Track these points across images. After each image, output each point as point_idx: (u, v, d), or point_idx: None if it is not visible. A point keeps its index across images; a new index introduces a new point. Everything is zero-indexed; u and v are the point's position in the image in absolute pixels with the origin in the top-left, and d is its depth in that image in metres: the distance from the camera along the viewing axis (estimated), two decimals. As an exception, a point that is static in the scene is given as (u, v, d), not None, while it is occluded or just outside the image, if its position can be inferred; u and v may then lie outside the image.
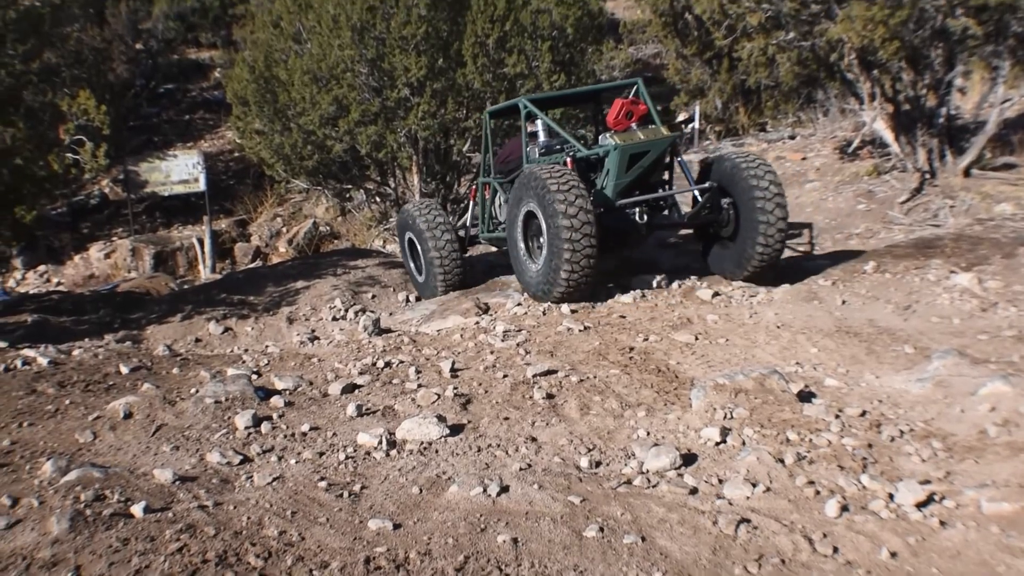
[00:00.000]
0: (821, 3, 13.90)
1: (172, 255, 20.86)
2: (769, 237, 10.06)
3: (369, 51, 17.23)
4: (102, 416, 6.81)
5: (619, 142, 10.40)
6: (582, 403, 6.65)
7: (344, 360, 8.41)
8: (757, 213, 10.10)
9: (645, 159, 10.49)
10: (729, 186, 10.56)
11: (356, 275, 13.04)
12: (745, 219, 10.30)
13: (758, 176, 10.20)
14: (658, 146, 10.52)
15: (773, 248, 10.14)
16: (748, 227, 10.24)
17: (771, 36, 14.93)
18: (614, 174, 10.43)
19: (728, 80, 20.26)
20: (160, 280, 16.49)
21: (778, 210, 10.07)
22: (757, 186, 10.15)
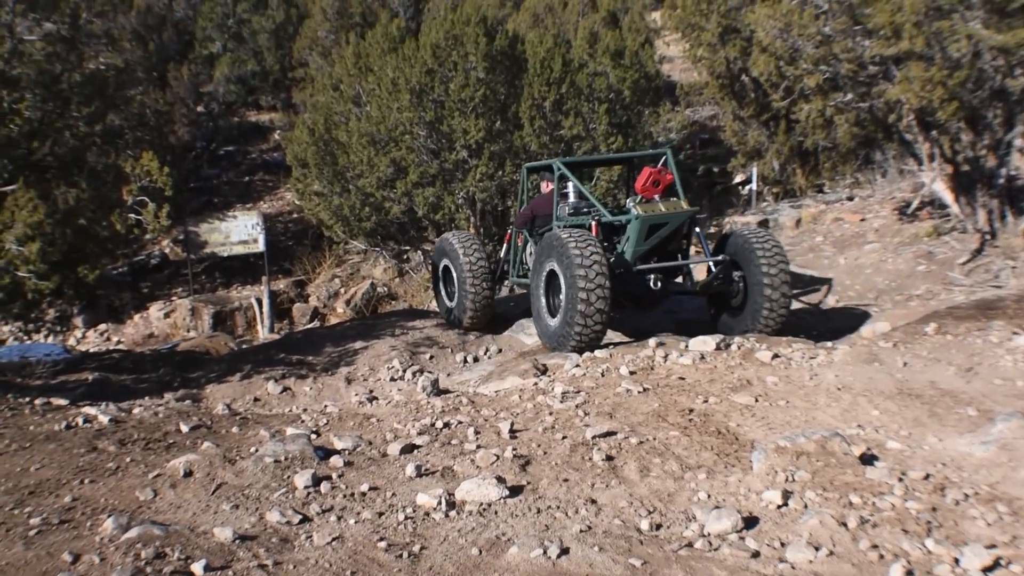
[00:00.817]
0: (879, 65, 13.89)
1: (231, 315, 21.04)
2: (773, 311, 11.12)
3: (428, 114, 17.40)
4: (162, 474, 6.84)
5: (640, 213, 11.19)
6: (642, 465, 6.61)
7: (403, 420, 8.41)
8: (764, 288, 11.10)
9: (664, 230, 11.36)
10: (740, 260, 11.53)
11: (414, 336, 13.07)
12: (752, 292, 11.28)
13: (767, 254, 11.23)
14: (676, 219, 11.39)
15: (777, 320, 11.18)
16: (754, 300, 11.24)
17: (829, 97, 14.93)
18: (633, 241, 11.26)
19: (785, 141, 20.23)
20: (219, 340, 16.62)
21: (783, 287, 11.12)
22: (765, 264, 11.16)
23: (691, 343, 10.49)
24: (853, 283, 13.47)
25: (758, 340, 10.58)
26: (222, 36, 32.29)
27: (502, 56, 18.16)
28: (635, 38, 25.23)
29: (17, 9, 12.27)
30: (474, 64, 17.58)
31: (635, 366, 9.70)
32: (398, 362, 11.82)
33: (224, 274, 23.74)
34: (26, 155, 11.88)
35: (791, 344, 10.23)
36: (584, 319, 10.45)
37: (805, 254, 15.47)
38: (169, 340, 19.28)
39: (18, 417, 8.80)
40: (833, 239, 16.04)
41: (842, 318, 13.18)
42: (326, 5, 30.91)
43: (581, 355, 10.67)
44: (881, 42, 13.18)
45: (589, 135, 18.32)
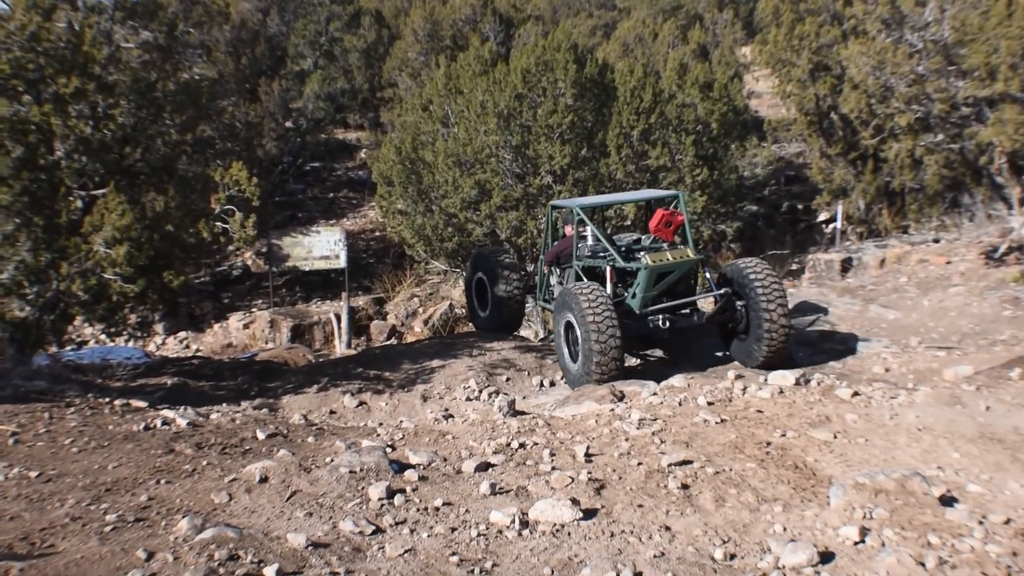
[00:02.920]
0: (972, 106, 13.75)
1: (309, 328, 21.18)
2: (772, 334, 11.96)
3: (514, 138, 17.44)
4: (238, 479, 6.92)
5: (649, 263, 12.07)
6: (717, 495, 6.56)
7: (478, 439, 8.41)
8: (762, 314, 12.00)
9: (671, 276, 12.39)
10: (741, 290, 12.41)
11: (491, 357, 13.08)
12: (753, 320, 12.19)
13: (763, 283, 12.13)
14: (682, 267, 12.41)
15: (777, 343, 11.99)
16: (756, 325, 12.13)
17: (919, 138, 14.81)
18: (642, 287, 12.21)
19: (872, 181, 20.05)
20: (297, 352, 16.72)
21: (779, 309, 12.00)
22: (763, 291, 12.06)
23: (770, 377, 10.41)
24: (936, 325, 13.29)
25: (839, 377, 10.48)
26: (314, 53, 32.65)
27: (591, 84, 18.18)
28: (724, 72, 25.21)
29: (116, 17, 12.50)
30: (563, 90, 17.61)
31: (713, 397, 9.64)
32: (474, 382, 11.84)
33: (304, 288, 23.94)
34: (118, 160, 12.07)
35: (872, 383, 10.13)
36: (600, 367, 11.35)
37: (888, 294, 15.29)
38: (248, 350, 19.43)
39: (98, 416, 8.92)
40: (917, 280, 15.85)
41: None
42: (417, 27, 31.16)
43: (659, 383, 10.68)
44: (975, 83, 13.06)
45: (675, 166, 18.28)
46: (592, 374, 11.40)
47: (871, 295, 15.49)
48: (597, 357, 11.30)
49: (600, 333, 11.29)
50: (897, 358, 11.69)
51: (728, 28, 34.47)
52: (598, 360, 11.30)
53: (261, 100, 28.18)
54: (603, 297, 11.61)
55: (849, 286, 16.53)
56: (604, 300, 11.56)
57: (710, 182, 18.60)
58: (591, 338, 11.30)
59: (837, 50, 18.35)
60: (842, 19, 18.87)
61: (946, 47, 13.48)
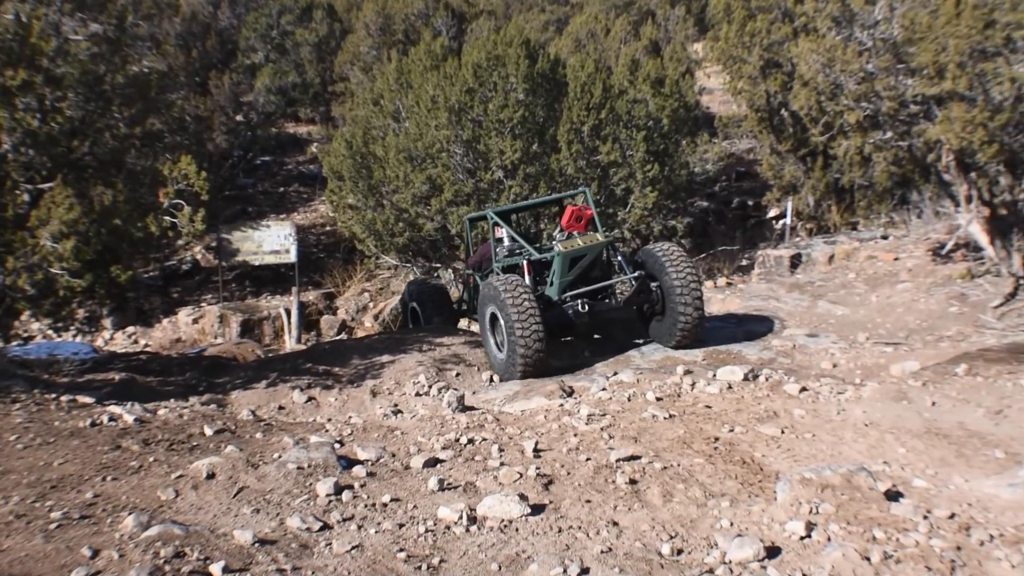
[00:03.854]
0: (920, 104, 13.85)
1: (259, 324, 21.06)
2: (687, 315, 12.42)
3: (465, 132, 17.42)
4: (185, 475, 6.89)
5: (562, 249, 12.60)
6: (665, 490, 6.59)
7: (427, 434, 8.41)
8: (677, 295, 12.45)
9: (584, 260, 12.83)
10: (655, 273, 12.87)
11: (441, 352, 13.06)
12: (669, 300, 12.63)
13: (676, 265, 12.63)
14: (594, 250, 12.83)
15: (693, 318, 12.45)
16: (672, 306, 12.57)
17: (868, 135, 14.89)
18: (558, 274, 12.74)
19: (822, 177, 20.18)
20: (247, 347, 16.64)
21: (693, 290, 12.48)
22: (676, 274, 12.53)
23: (719, 372, 10.48)
24: (884, 321, 13.39)
25: (787, 373, 10.54)
26: (265, 47, 32.46)
27: (543, 79, 18.19)
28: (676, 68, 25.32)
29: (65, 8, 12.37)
30: (514, 85, 17.61)
31: (662, 392, 9.70)
32: (424, 377, 11.81)
33: (254, 283, 23.79)
34: (66, 153, 11.93)
35: (819, 378, 10.18)
36: (524, 353, 11.69)
37: (837, 290, 15.40)
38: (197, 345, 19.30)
39: (44, 413, 8.85)
40: (866, 277, 15.97)
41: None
42: (369, 21, 31.09)
43: (608, 379, 10.74)
44: (924, 81, 13.14)
45: (626, 162, 18.31)
46: (518, 363, 11.78)
47: (820, 291, 15.60)
48: (522, 344, 11.65)
49: (523, 321, 11.67)
50: (845, 354, 11.77)
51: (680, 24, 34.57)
52: (523, 347, 11.65)
53: (211, 93, 27.97)
54: (524, 287, 12.08)
55: (798, 282, 16.64)
56: (525, 290, 12.02)
57: (661, 178, 18.63)
58: (515, 327, 11.66)
59: (788, 47, 18.43)
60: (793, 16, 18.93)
61: (895, 45, 13.56)
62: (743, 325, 13.75)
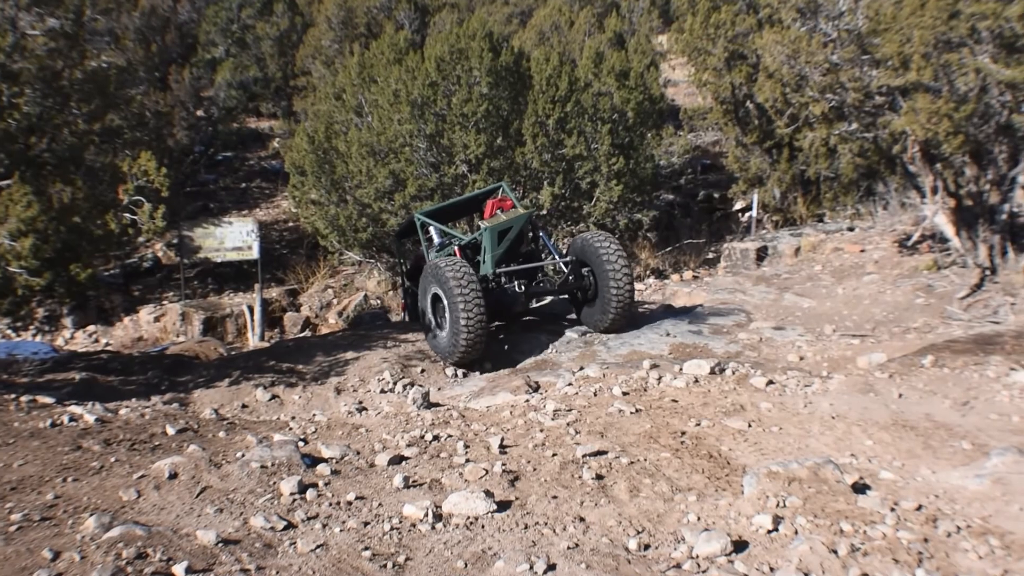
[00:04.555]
0: (885, 95, 13.92)
1: (221, 321, 20.94)
2: (619, 300, 12.84)
3: (428, 127, 17.41)
4: (147, 475, 6.85)
5: (488, 224, 13.31)
6: (632, 485, 6.60)
7: (392, 432, 8.41)
8: (609, 281, 12.82)
9: (511, 233, 13.31)
10: (586, 258, 13.30)
11: (406, 349, 13.04)
12: (601, 285, 13.05)
13: (606, 248, 12.98)
14: (518, 221, 13.39)
15: (624, 302, 12.89)
16: (603, 293, 13.01)
17: (833, 126, 14.94)
18: (489, 248, 13.21)
19: (788, 170, 20.25)
20: (209, 345, 16.56)
21: (624, 276, 12.83)
22: (607, 257, 12.89)
23: (685, 366, 10.51)
24: (851, 313, 13.45)
25: (753, 366, 10.58)
26: (225, 41, 32.27)
27: (506, 72, 18.17)
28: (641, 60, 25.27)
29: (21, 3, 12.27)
30: (478, 79, 17.60)
31: (628, 387, 9.72)
32: (389, 374, 11.79)
33: (216, 280, 23.67)
34: (23, 150, 11.84)
35: (786, 371, 10.23)
36: (467, 335, 11.91)
37: (804, 283, 15.46)
38: (158, 344, 19.19)
39: (3, 413, 8.80)
40: (832, 269, 16.05)
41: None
42: (331, 14, 30.97)
43: (574, 374, 10.76)
44: (888, 72, 13.20)
45: (591, 155, 18.33)
46: (460, 343, 12.01)
47: (786, 283, 15.67)
48: (464, 322, 11.88)
49: (466, 299, 11.93)
50: (811, 346, 11.82)
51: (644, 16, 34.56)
52: (466, 325, 11.87)
53: (171, 88, 27.79)
54: (466, 267, 12.34)
55: (764, 275, 16.71)
56: (468, 269, 12.29)
57: (626, 171, 18.66)
58: (458, 305, 11.90)
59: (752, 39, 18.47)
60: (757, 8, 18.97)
61: (860, 36, 13.61)
62: (709, 318, 13.78)
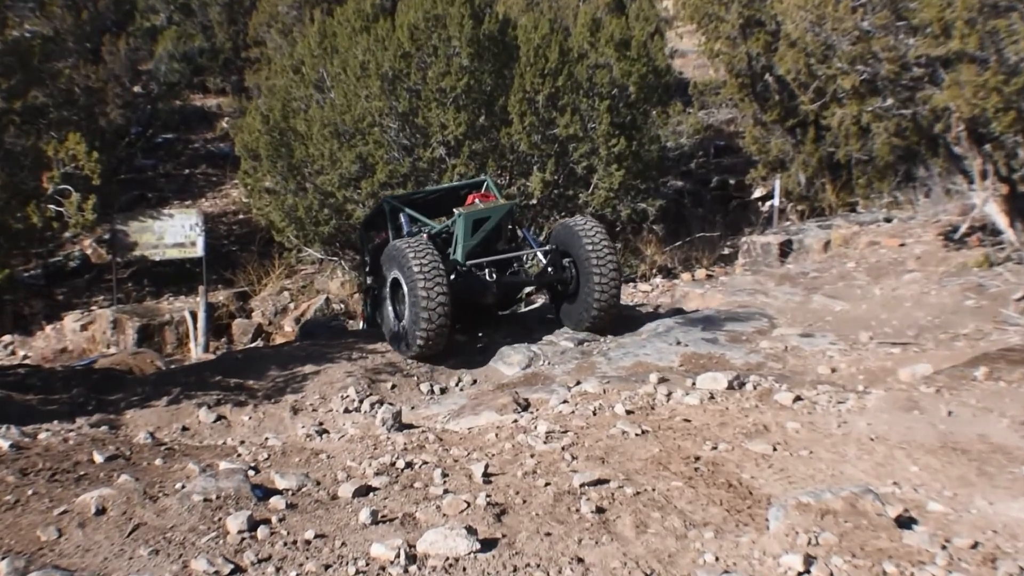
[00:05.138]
0: (925, 66, 13.86)
1: (160, 329, 20.88)
2: (603, 295, 13.00)
3: (401, 104, 17.36)
4: (70, 511, 6.74)
5: (463, 211, 13.50)
6: (638, 519, 6.52)
7: (357, 458, 8.35)
8: (593, 273, 12.95)
9: (488, 223, 13.50)
10: (567, 247, 13.51)
11: (374, 361, 13.00)
12: (583, 280, 13.21)
13: (591, 237, 13.16)
14: (497, 211, 13.61)
15: (609, 298, 13.07)
16: (586, 285, 13.17)
17: (866, 102, 14.90)
18: (462, 238, 13.38)
19: (814, 152, 20.24)
20: (145, 357, 16.50)
21: (610, 269, 13.02)
22: (592, 249, 13.02)
23: (699, 380, 10.44)
24: (890, 318, 13.40)
25: (778, 379, 10.52)
26: (167, 7, 32.28)
27: (490, 42, 18.14)
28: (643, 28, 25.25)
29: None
30: (457, 49, 17.55)
31: (633, 404, 9.65)
32: (354, 391, 11.74)
33: (154, 282, 23.62)
34: (-68, 132, 11.77)
35: (816, 385, 10.17)
36: (428, 322, 12.14)
37: (835, 282, 15.42)
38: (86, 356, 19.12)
39: (-101, 438, 8.70)
40: (867, 266, 16.02)
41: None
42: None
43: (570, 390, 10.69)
44: (928, 40, 13.15)
45: (588, 135, 18.28)
46: (419, 333, 12.27)
47: (814, 283, 15.64)
48: (425, 309, 12.09)
49: (428, 283, 12.11)
50: (845, 356, 11.78)
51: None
52: (427, 312, 12.09)
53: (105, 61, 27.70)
54: (431, 248, 12.55)
55: (789, 273, 16.69)
56: (432, 251, 12.49)
57: (628, 154, 18.63)
58: (419, 290, 12.09)
59: (771, 3, 18.45)
60: (777, -34, 18.98)
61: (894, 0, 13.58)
62: (726, 324, 13.73)
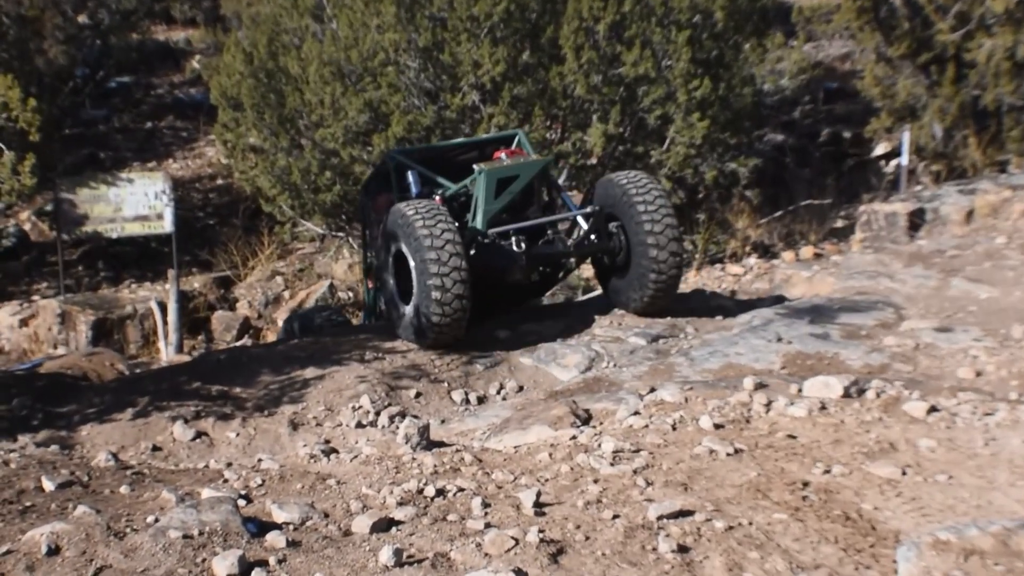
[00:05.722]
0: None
1: (120, 324, 21.00)
2: (660, 264, 13.04)
3: (422, 36, 17.40)
4: (14, 551, 6.81)
5: (485, 167, 13.40)
6: (731, 561, 6.58)
7: (375, 484, 8.38)
8: (647, 238, 13.04)
9: (515, 184, 13.51)
10: (614, 209, 13.61)
11: (394, 362, 13.01)
12: (635, 252, 13.28)
13: (643, 194, 13.23)
14: (527, 169, 13.71)
15: (669, 272, 13.16)
16: (639, 262, 13.26)
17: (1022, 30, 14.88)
18: (483, 201, 13.34)
19: (954, 96, 20.18)
20: (103, 360, 16.60)
21: (668, 230, 13.06)
22: (644, 209, 13.11)
23: (806, 386, 10.42)
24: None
25: (907, 385, 10.52)
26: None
27: (536, -45, 18.18)
28: (734, -65, 25.24)
29: None
30: (494, -35, 17.61)
31: (722, 416, 9.64)
32: (368, 400, 11.79)
33: (111, 264, 23.74)
34: None
35: (956, 393, 10.17)
36: (441, 307, 12.24)
37: (980, 262, 15.37)
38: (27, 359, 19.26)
39: None
40: (1022, 242, 15.97)
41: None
42: None
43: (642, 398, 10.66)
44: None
45: (662, 76, 18.28)
46: (432, 315, 12.36)
47: (953, 263, 15.60)
48: (437, 288, 12.14)
49: (440, 254, 12.13)
50: (994, 356, 11.76)
51: None
52: (439, 291, 12.14)
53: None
54: (441, 212, 12.69)
55: (921, 251, 16.65)
56: (443, 215, 12.61)
57: (714, 99, 18.62)
58: (429, 263, 12.13)
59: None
60: None
61: None
62: (840, 316, 13.72)
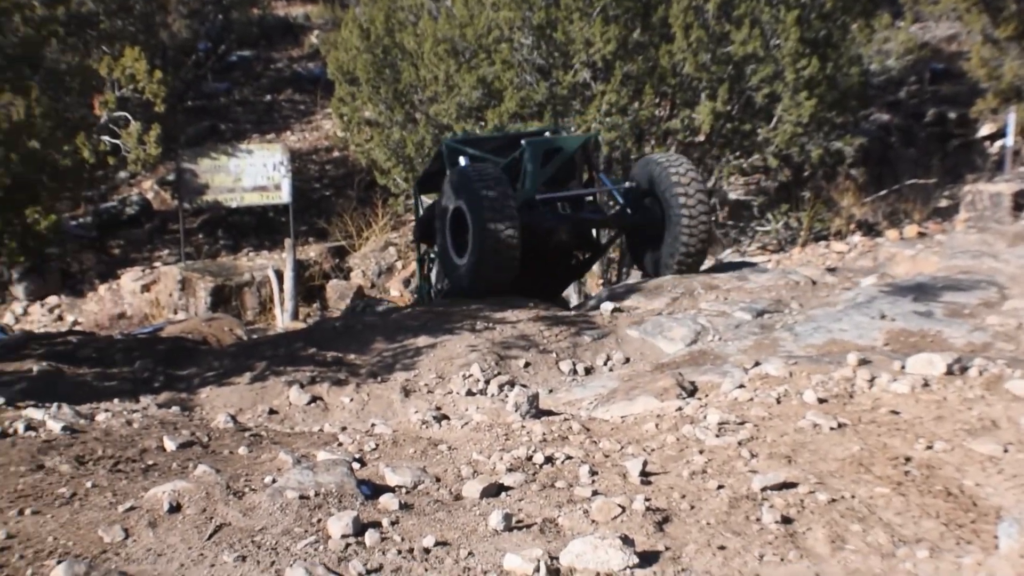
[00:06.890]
0: None
1: (238, 291, 21.09)
2: (692, 230, 14.32)
3: (536, 15, 17.37)
4: (137, 507, 6.86)
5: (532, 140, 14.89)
6: (833, 533, 6.53)
7: (485, 451, 8.39)
8: (681, 211, 14.26)
9: (559, 157, 15.00)
10: (652, 185, 14.86)
11: (504, 332, 12.98)
12: (670, 214, 14.48)
13: (679, 173, 14.37)
14: (570, 143, 15.20)
15: (699, 241, 14.50)
16: (672, 231, 14.50)
17: None
18: (531, 170, 14.73)
19: (1059, 78, 19.98)
20: (221, 325, 16.68)
21: (700, 205, 14.34)
22: (677, 181, 14.30)
23: (909, 363, 10.32)
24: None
25: (1010, 364, 10.40)
26: None
27: (648, -65, 18.11)
28: (843, -83, 25.02)
29: None
30: (607, -54, 17.55)
31: (826, 391, 9.57)
32: (479, 368, 11.77)
33: (230, 233, 23.85)
34: (-42, 46, 11.98)
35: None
36: (496, 255, 13.50)
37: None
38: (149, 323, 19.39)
39: (-71, 418, 8.91)
40: None
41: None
42: None
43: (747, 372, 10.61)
44: None
45: (770, 55, 18.18)
46: (487, 265, 13.75)
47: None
48: (492, 239, 13.33)
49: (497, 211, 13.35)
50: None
51: None
52: (493, 243, 13.37)
53: (166, -41, 28.04)
54: (497, 172, 13.95)
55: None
56: (502, 176, 13.85)
57: (821, 79, 18.51)
58: (486, 217, 13.29)
59: None
60: None
61: None
62: (944, 294, 13.59)
